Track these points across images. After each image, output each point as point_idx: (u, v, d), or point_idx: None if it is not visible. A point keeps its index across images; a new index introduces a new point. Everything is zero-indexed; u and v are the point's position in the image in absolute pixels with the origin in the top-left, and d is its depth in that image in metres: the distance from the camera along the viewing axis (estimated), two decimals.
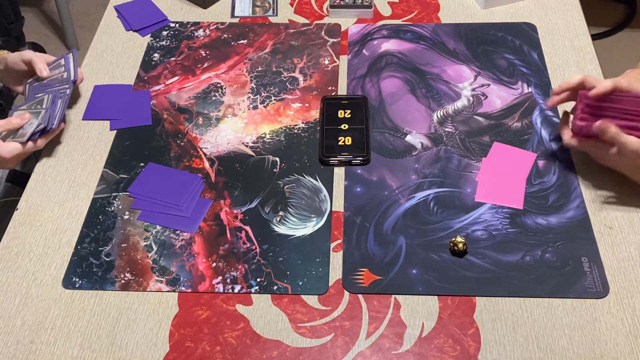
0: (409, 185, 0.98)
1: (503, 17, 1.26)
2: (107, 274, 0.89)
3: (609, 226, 0.92)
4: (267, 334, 0.83)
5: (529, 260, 0.89)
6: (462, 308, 0.84)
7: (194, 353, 0.81)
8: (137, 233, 0.94)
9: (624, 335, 0.81)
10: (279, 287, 0.87)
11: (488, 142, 1.04)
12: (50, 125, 1.00)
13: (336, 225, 0.94)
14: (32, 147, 0.99)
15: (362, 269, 0.89)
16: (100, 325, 0.84)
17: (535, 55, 1.17)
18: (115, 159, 1.04)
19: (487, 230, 0.92)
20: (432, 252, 0.90)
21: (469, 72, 1.15)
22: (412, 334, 0.82)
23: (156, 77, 1.17)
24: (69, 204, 0.98)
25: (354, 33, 1.24)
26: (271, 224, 0.94)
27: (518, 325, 0.83)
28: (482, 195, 0.96)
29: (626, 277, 0.86)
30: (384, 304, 0.85)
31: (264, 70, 1.17)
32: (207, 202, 0.97)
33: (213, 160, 1.03)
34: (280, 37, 1.24)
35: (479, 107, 1.09)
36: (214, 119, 1.09)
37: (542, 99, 1.09)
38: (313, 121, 1.08)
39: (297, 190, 0.98)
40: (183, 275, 0.89)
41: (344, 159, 1.01)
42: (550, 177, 0.98)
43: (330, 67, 1.17)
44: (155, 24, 1.27)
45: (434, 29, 1.24)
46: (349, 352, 0.81)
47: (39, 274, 0.90)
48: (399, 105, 1.10)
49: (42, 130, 0.99)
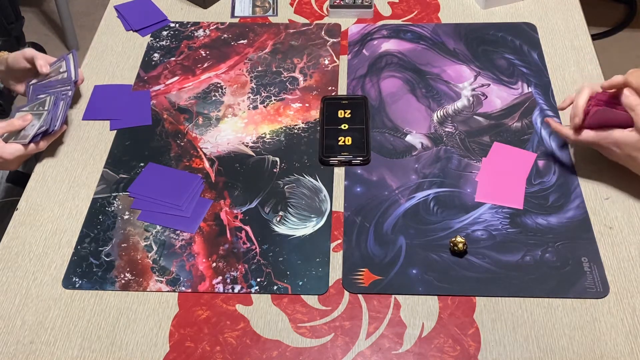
0: (409, 185, 0.98)
1: (503, 17, 1.26)
2: (107, 274, 0.89)
3: (609, 226, 0.92)
4: (267, 334, 0.83)
5: (529, 260, 0.89)
6: (462, 308, 0.84)
7: (194, 353, 0.81)
8: (137, 233, 0.94)
9: (624, 335, 0.81)
10: (279, 287, 0.87)
11: (488, 142, 1.04)
12: (52, 127, 1.00)
13: (336, 225, 0.94)
14: (34, 149, 0.99)
15: (362, 269, 0.89)
16: (100, 325, 0.84)
17: (535, 55, 1.17)
18: (115, 159, 1.04)
19: (487, 230, 0.92)
20: (432, 252, 0.90)
21: (469, 72, 1.15)
22: (412, 334, 0.82)
23: (156, 77, 1.17)
24: (69, 204, 0.98)
25: (354, 33, 1.24)
26: (271, 224, 0.94)
27: (518, 325, 0.83)
28: (482, 195, 0.96)
29: (626, 277, 0.86)
30: (384, 304, 0.85)
31: (264, 70, 1.17)
32: (207, 202, 0.97)
33: (213, 160, 1.03)
34: (280, 37, 1.24)
35: (479, 107, 1.09)
36: (214, 119, 1.09)
37: (542, 99, 1.09)
38: (313, 121, 1.08)
39: (297, 190, 0.98)
40: (183, 275, 0.89)
41: (344, 159, 1.01)
42: (550, 177, 0.98)
43: (330, 67, 1.17)
44: (155, 24, 1.27)
45: (434, 29, 1.24)
46: (349, 352, 0.81)
47: (39, 274, 0.90)
48: (399, 105, 1.10)
49: (44, 132, 0.99)
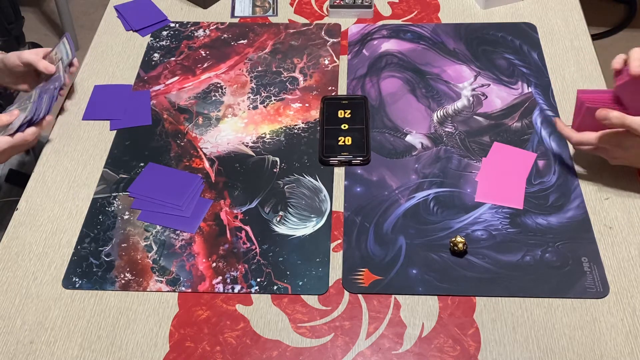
0: (409, 185, 0.98)
1: (503, 17, 1.26)
2: (107, 274, 0.89)
3: (609, 226, 0.92)
4: (267, 334, 0.83)
5: (529, 260, 0.89)
6: (462, 308, 0.84)
7: (194, 353, 0.81)
8: (137, 233, 0.94)
9: (624, 335, 0.81)
10: (279, 287, 0.87)
11: (488, 142, 1.04)
12: (36, 116, 1.01)
13: (336, 225, 0.94)
14: (21, 139, 0.99)
15: (362, 269, 0.89)
16: (100, 325, 0.84)
17: (535, 55, 1.17)
18: (115, 159, 1.04)
19: (487, 230, 0.92)
20: (432, 252, 0.90)
21: (469, 72, 1.15)
22: (412, 334, 0.82)
23: (156, 77, 1.17)
24: (69, 204, 0.98)
25: (354, 33, 1.24)
26: (271, 224, 0.94)
27: (518, 325, 0.83)
28: (482, 195, 0.96)
29: (626, 277, 0.86)
30: (384, 304, 0.85)
31: (264, 70, 1.17)
32: (207, 202, 0.97)
33: (213, 160, 1.03)
34: (280, 37, 1.24)
35: (479, 107, 1.09)
36: (214, 119, 1.09)
37: (542, 99, 1.09)
38: (313, 121, 1.08)
39: (297, 190, 0.98)
40: (183, 275, 0.89)
41: (344, 159, 1.01)
42: (550, 177, 0.98)
43: (330, 67, 1.17)
44: (155, 24, 1.27)
45: (434, 29, 1.24)
46: (349, 352, 0.81)
47: (39, 274, 0.90)
48: (399, 105, 1.10)
49: (29, 122, 1.00)
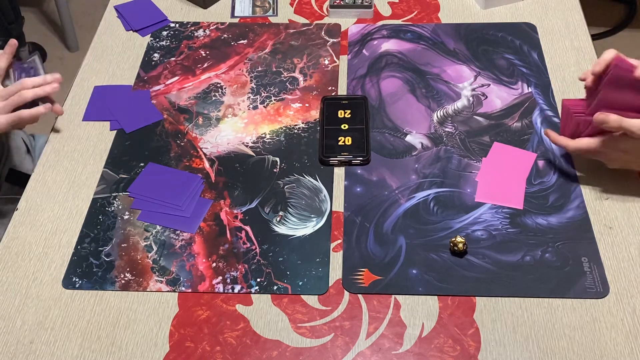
0: (409, 185, 0.98)
1: (503, 17, 1.26)
2: (107, 274, 0.89)
3: (609, 226, 0.92)
4: (267, 334, 0.83)
5: (529, 260, 0.89)
6: (462, 308, 0.84)
7: (194, 353, 0.81)
8: (137, 233, 0.94)
9: (624, 335, 0.81)
10: (279, 287, 0.87)
11: (488, 142, 1.04)
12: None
13: (336, 225, 0.94)
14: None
15: (362, 269, 0.89)
16: (100, 325, 0.84)
17: (535, 55, 1.17)
18: (115, 159, 1.04)
19: (487, 230, 0.92)
20: (432, 252, 0.90)
21: (469, 72, 1.15)
22: (412, 334, 0.82)
23: (156, 77, 1.17)
24: (69, 204, 0.98)
25: (354, 33, 1.24)
26: (271, 224, 0.94)
27: (518, 325, 0.83)
28: (482, 195, 0.96)
29: (626, 277, 0.86)
30: (384, 304, 0.85)
31: (264, 70, 1.17)
32: (207, 202, 0.97)
33: (213, 160, 1.03)
34: (280, 37, 1.24)
35: (479, 107, 1.09)
36: (214, 119, 1.09)
37: (542, 99, 1.09)
38: (313, 121, 1.08)
39: (297, 190, 0.98)
40: (183, 275, 0.89)
41: (344, 159, 1.01)
42: (550, 177, 0.98)
43: (330, 67, 1.17)
44: (155, 24, 1.27)
45: (434, 29, 1.24)
46: (349, 352, 0.81)
47: (39, 274, 0.90)
48: (399, 105, 1.10)
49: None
